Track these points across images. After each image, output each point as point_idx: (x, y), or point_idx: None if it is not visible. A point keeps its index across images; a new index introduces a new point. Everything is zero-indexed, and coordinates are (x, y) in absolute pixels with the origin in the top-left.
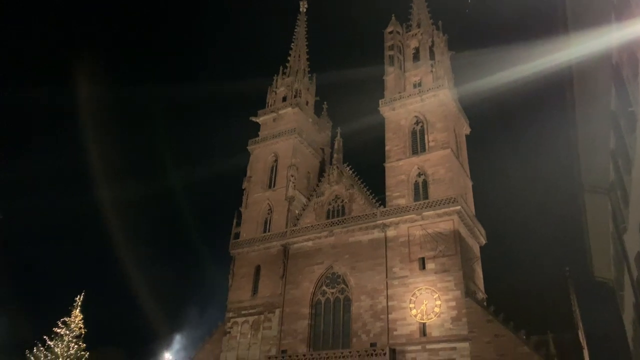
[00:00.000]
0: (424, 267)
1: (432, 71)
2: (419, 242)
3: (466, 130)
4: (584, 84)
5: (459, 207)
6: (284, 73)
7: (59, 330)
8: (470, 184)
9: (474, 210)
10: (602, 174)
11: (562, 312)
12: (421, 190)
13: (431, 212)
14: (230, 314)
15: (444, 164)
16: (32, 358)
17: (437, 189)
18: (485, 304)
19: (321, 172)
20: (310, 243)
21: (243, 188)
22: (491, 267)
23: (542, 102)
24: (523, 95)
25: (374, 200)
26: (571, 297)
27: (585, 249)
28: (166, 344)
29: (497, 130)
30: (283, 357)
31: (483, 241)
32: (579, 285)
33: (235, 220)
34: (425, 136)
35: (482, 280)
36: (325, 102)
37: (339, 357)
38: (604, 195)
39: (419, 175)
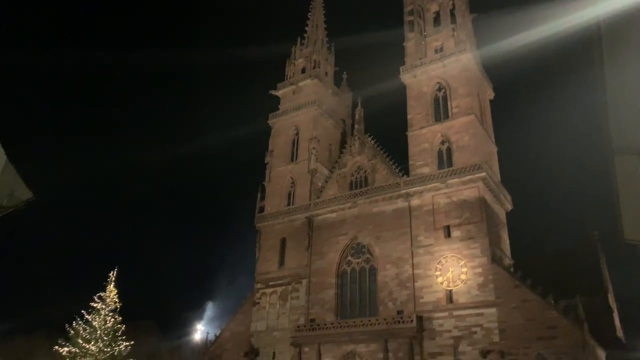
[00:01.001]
0: (449, 235)
1: (453, 35)
2: (444, 210)
3: (490, 94)
4: (614, 41)
5: (483, 174)
6: (302, 44)
7: (95, 305)
8: (495, 149)
9: (499, 176)
10: (633, 134)
11: (591, 275)
12: (445, 157)
13: (456, 180)
14: (259, 285)
15: (467, 130)
16: (72, 331)
17: (462, 156)
18: (512, 269)
19: (343, 143)
20: (334, 214)
21: (266, 162)
22: (518, 232)
23: (569, 62)
24: (548, 56)
25: (397, 170)
26: (600, 261)
27: (615, 211)
28: (197, 314)
29: (522, 93)
30: (312, 326)
31: (509, 207)
32: (608, 248)
33: (259, 194)
34: (448, 102)
35: (508, 246)
36: (344, 72)
37: (367, 325)
38: (635, 156)
39: (443, 142)
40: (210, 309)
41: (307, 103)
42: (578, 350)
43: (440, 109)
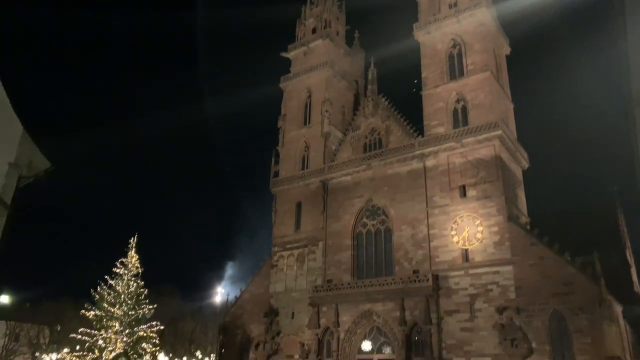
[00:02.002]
0: (464, 195)
1: None
2: (459, 169)
3: (506, 50)
4: None
5: (500, 132)
6: (312, 3)
7: (118, 271)
8: (511, 106)
9: (515, 134)
10: None
11: (609, 231)
12: (460, 116)
13: (471, 139)
14: (276, 248)
15: (483, 87)
16: (97, 296)
17: (477, 114)
18: (528, 227)
19: (356, 105)
20: (348, 177)
21: (279, 127)
22: (535, 190)
23: (587, 15)
24: (566, 9)
25: (411, 131)
26: (618, 216)
27: (635, 165)
28: (217, 277)
29: (539, 48)
30: (329, 286)
31: (526, 165)
32: (626, 203)
33: (273, 159)
34: (463, 59)
35: (525, 205)
36: (356, 31)
37: (383, 284)
38: None
39: (458, 101)
40: (230, 268)
41: (318, 64)
42: (594, 306)
43: (455, 67)
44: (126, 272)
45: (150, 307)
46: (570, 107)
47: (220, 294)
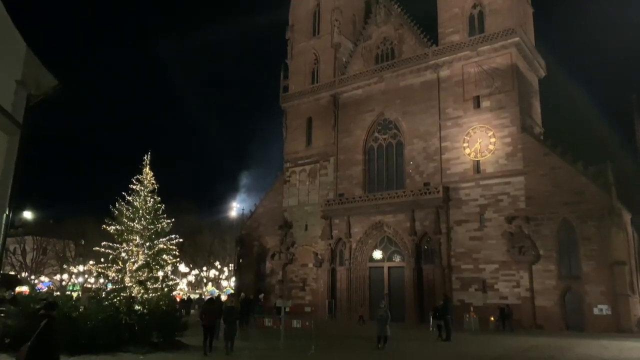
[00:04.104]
0: (478, 106)
1: None
2: (474, 80)
3: None
4: None
5: (517, 39)
6: None
7: (134, 187)
8: (531, 11)
9: (533, 41)
10: None
11: (625, 140)
12: (477, 23)
13: (487, 47)
14: (288, 164)
15: None
16: (116, 212)
17: (494, 20)
18: (542, 138)
19: (367, 13)
20: (360, 91)
21: (287, 38)
22: (551, 99)
23: None
24: None
25: (425, 40)
26: (635, 125)
27: None
28: (232, 191)
29: None
30: (341, 200)
31: (543, 73)
32: None
33: (282, 73)
34: None
35: (539, 115)
36: None
37: (394, 197)
38: None
39: (474, 6)
40: (245, 177)
41: None
42: (603, 214)
43: None
44: (142, 188)
45: (169, 221)
46: (593, 8)
47: (236, 208)
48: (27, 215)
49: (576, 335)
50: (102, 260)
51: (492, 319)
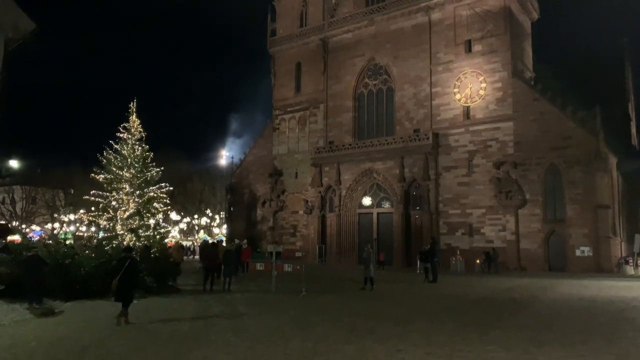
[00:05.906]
0: (470, 50)
1: None
2: (466, 23)
3: None
4: None
5: None
6: None
7: (121, 135)
8: None
9: None
10: None
11: (615, 84)
12: None
13: None
14: (277, 112)
15: None
16: (104, 160)
17: None
18: (532, 83)
19: None
20: (349, 35)
21: None
22: (543, 43)
23: None
24: None
25: None
26: (625, 69)
27: None
28: (221, 137)
29: None
30: (331, 147)
31: (536, 16)
32: (636, 56)
33: (269, 15)
34: None
35: (530, 59)
36: None
37: (384, 144)
38: None
39: None
40: (234, 120)
41: None
42: (590, 158)
43: None
44: (130, 136)
45: (158, 169)
46: None
47: (225, 157)
48: (14, 163)
49: (558, 276)
50: (93, 208)
51: (477, 261)
